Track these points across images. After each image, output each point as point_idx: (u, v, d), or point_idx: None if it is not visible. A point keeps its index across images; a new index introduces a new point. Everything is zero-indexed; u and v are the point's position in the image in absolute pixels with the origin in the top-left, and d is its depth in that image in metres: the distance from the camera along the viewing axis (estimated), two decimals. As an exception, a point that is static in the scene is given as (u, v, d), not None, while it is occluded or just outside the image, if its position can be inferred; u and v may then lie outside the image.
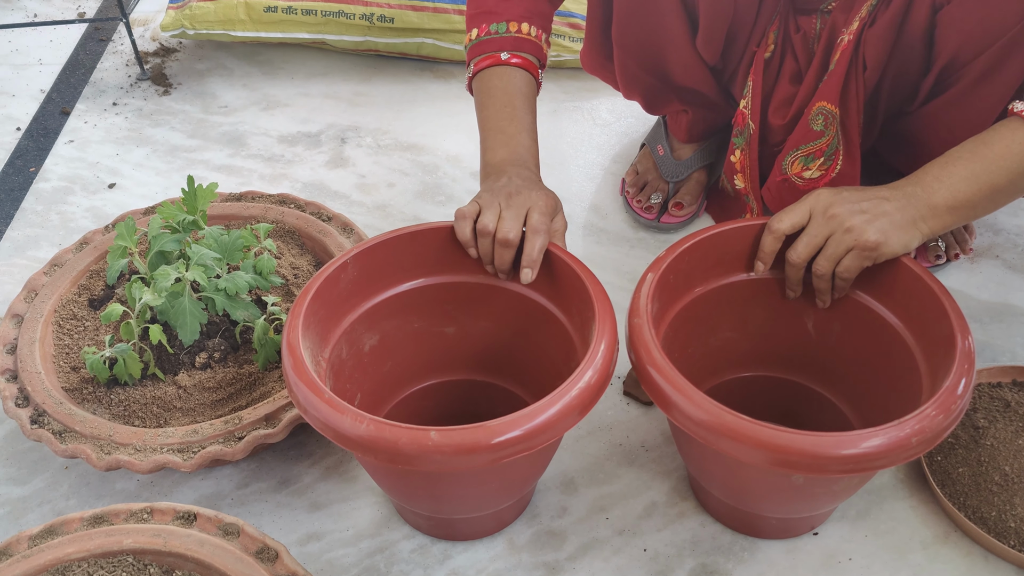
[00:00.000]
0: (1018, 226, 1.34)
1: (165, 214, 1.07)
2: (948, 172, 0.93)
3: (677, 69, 1.23)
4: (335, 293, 0.93)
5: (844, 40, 1.10)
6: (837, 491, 0.89)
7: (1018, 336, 1.19)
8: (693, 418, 0.80)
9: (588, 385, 0.82)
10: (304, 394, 0.82)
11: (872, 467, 0.77)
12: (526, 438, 0.78)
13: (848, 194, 0.93)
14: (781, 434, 0.77)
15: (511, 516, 1.00)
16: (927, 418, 0.78)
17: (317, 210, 1.22)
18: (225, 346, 1.06)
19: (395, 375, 1.02)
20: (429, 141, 1.54)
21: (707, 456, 0.90)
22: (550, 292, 0.96)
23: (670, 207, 1.35)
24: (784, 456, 0.77)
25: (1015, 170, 0.93)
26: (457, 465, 0.77)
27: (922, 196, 0.92)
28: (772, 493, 0.91)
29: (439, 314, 1.01)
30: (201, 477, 1.06)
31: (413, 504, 0.95)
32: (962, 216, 0.94)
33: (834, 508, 0.99)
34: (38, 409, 1.00)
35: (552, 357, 0.97)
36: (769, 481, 0.87)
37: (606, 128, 1.56)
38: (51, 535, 0.85)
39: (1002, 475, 0.97)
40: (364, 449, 0.78)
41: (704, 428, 0.79)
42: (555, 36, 1.63)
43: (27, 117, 1.64)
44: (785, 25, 1.16)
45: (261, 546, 0.84)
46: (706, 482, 0.96)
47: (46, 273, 1.15)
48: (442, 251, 0.98)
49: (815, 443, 0.76)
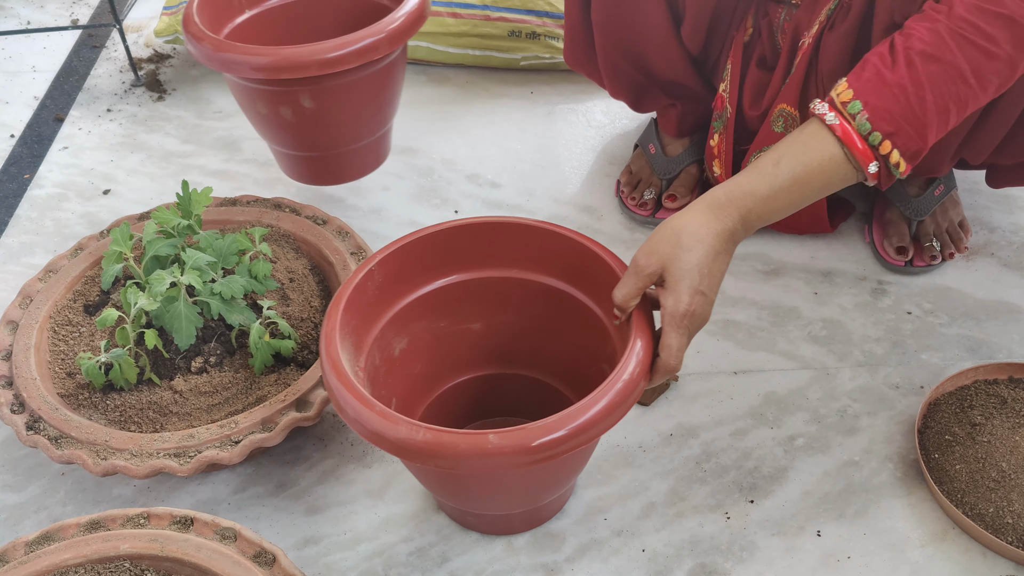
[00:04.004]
0: (1013, 224, 1.35)
1: (160, 219, 1.07)
2: (771, 208, 0.89)
3: (659, 60, 1.24)
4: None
5: (805, 43, 1.10)
6: (559, 471, 0.90)
7: (1014, 333, 1.19)
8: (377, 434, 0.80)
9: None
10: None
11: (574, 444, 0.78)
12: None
13: (695, 280, 0.86)
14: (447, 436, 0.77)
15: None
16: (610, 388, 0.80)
17: (312, 214, 1.22)
18: (221, 350, 1.06)
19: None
20: (424, 144, 1.54)
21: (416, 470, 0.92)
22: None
23: (664, 200, 1.35)
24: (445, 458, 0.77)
25: (830, 181, 0.90)
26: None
27: (741, 234, 0.89)
28: (489, 491, 0.92)
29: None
30: (198, 482, 1.06)
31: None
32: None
33: (558, 499, 1.00)
34: (34, 415, 0.99)
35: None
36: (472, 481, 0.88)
37: (600, 130, 1.56)
38: (48, 541, 0.85)
39: (999, 471, 0.98)
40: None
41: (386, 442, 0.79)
42: (548, 38, 1.63)
43: (21, 124, 1.64)
44: (758, 10, 1.17)
45: (258, 550, 0.83)
46: (438, 495, 0.97)
47: (41, 279, 1.15)
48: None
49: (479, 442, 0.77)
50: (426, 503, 1.03)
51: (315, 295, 1.14)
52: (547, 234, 0.96)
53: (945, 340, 1.19)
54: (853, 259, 1.30)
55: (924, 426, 1.06)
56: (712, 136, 1.27)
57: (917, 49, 0.88)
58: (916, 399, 1.11)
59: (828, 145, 0.89)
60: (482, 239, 0.98)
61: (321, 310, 1.13)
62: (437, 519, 1.01)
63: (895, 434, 1.08)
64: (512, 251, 0.98)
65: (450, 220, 0.97)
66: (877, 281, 1.27)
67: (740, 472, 1.05)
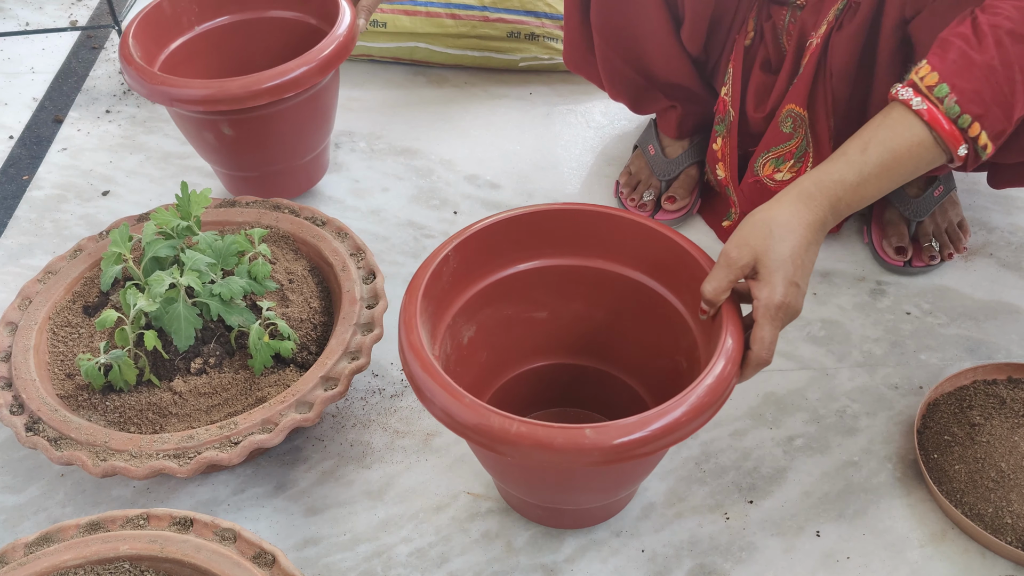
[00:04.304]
0: (1012, 224, 1.35)
1: (159, 220, 1.07)
2: (860, 195, 0.89)
3: (659, 62, 1.24)
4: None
5: (813, 43, 1.10)
6: (629, 473, 0.90)
7: (1013, 333, 1.19)
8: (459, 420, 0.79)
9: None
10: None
11: (652, 449, 0.77)
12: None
13: (789, 271, 0.85)
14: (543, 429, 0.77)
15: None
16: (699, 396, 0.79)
17: (311, 215, 1.22)
18: (220, 351, 1.06)
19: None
20: (423, 145, 1.54)
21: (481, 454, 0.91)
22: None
23: (663, 202, 1.35)
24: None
25: (917, 165, 0.90)
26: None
27: (831, 223, 0.89)
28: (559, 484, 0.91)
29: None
30: (197, 483, 1.06)
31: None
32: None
33: (628, 495, 0.99)
34: (33, 416, 0.99)
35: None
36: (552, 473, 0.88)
37: (600, 131, 1.56)
38: (47, 542, 0.85)
39: (998, 472, 0.98)
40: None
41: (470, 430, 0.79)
42: (547, 39, 1.63)
43: (20, 125, 1.64)
44: (760, 13, 1.17)
45: (258, 551, 0.83)
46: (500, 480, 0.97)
47: (40, 281, 1.15)
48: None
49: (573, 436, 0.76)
50: (425, 503, 1.03)
51: (314, 296, 1.14)
52: (627, 223, 0.95)
53: (944, 340, 1.19)
54: (852, 259, 1.30)
55: (923, 426, 1.06)
56: (715, 140, 1.27)
57: (1006, 28, 0.87)
58: (915, 399, 1.12)
59: (916, 130, 0.88)
60: (557, 226, 0.96)
61: (320, 311, 1.13)
62: (436, 519, 1.01)
63: (894, 434, 1.08)
64: (587, 239, 0.97)
65: (527, 206, 0.96)
66: (876, 281, 1.27)
67: (739, 472, 1.05)
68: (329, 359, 1.02)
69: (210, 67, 1.42)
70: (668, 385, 0.94)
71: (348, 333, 1.05)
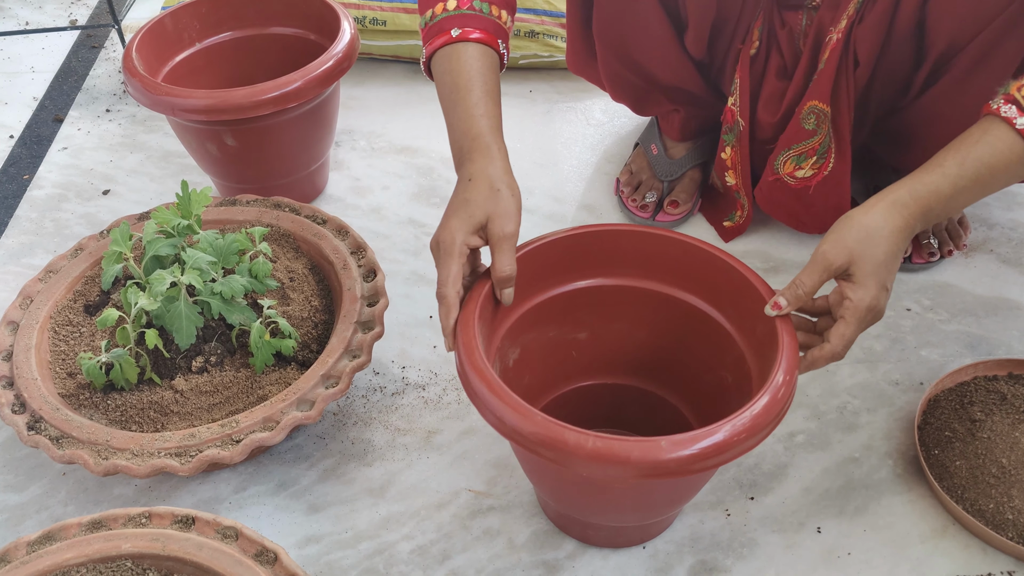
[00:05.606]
0: (1012, 220, 1.35)
1: (160, 219, 1.07)
2: (951, 206, 0.90)
3: (661, 68, 1.24)
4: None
5: (833, 39, 1.10)
6: (670, 497, 0.89)
7: (1013, 329, 1.19)
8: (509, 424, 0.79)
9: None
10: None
11: (703, 467, 0.77)
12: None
13: (883, 276, 0.87)
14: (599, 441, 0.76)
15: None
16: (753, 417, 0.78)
17: (312, 213, 1.22)
18: (221, 350, 1.06)
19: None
20: (423, 143, 1.54)
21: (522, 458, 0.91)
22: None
23: (666, 206, 1.35)
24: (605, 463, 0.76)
25: (1009, 180, 0.91)
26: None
27: (919, 230, 0.91)
28: (592, 500, 0.90)
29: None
30: (199, 481, 1.06)
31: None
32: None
33: (668, 519, 0.99)
34: (35, 415, 1.00)
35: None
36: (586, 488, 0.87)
37: (600, 128, 1.56)
38: (49, 541, 0.85)
39: (999, 467, 0.98)
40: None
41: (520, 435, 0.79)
42: (547, 36, 1.63)
43: (20, 125, 1.64)
44: (770, 21, 1.17)
45: (260, 549, 0.83)
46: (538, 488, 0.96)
47: (41, 280, 1.15)
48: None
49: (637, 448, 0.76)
50: (426, 501, 1.03)
51: (315, 294, 1.14)
52: (666, 241, 0.95)
53: (944, 336, 1.19)
54: (852, 256, 1.30)
55: (924, 422, 1.06)
56: (723, 149, 1.27)
57: None
58: (916, 395, 1.12)
59: (1018, 149, 0.89)
60: (598, 247, 0.97)
61: (321, 309, 1.13)
62: (438, 516, 1.02)
63: (895, 430, 1.08)
64: (627, 258, 0.97)
65: (567, 228, 0.96)
66: (876, 278, 1.27)
67: (740, 469, 1.05)
68: (330, 357, 1.02)
69: (211, 82, 1.43)
70: (713, 400, 0.95)
71: (349, 331, 1.05)
